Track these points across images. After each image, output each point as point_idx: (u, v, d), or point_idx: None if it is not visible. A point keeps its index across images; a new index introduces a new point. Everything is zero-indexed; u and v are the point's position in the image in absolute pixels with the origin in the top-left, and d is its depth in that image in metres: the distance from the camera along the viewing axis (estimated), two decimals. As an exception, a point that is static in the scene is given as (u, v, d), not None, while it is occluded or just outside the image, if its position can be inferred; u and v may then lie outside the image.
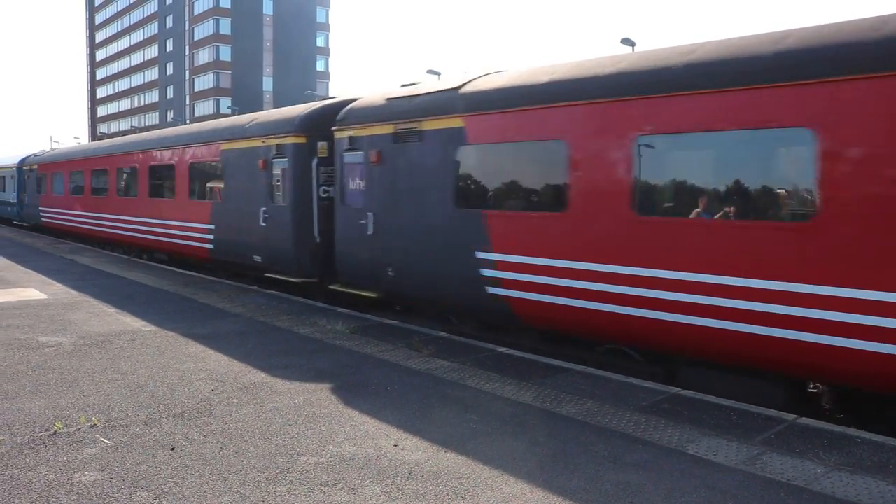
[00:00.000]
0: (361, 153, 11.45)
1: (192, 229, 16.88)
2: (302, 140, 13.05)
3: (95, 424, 6.21)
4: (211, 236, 16.07)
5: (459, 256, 9.66)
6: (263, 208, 13.87)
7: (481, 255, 9.38)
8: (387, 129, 10.94)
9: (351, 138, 11.70)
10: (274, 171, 13.65)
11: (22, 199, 33.83)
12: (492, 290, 9.27)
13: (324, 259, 12.84)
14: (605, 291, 7.99)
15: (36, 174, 31.14)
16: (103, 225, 22.85)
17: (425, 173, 10.26)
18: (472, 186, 9.89)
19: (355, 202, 11.69)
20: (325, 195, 12.89)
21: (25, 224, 34.42)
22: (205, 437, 5.96)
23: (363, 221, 11.27)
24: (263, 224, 13.86)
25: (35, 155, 32.78)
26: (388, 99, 11.15)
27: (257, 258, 14.26)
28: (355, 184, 11.70)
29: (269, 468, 5.30)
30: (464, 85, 9.95)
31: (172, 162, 17.88)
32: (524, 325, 9.34)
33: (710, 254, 7.14)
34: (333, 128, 12.16)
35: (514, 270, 8.98)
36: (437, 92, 10.28)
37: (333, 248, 12.37)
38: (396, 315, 11.72)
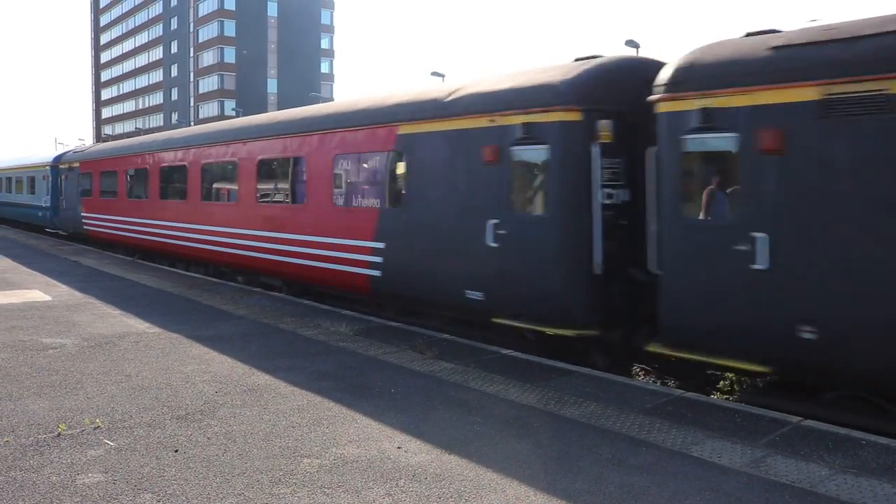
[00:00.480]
0: (732, 136, 7.31)
1: (341, 248, 11.99)
2: (574, 117, 8.66)
3: (99, 426, 6.22)
4: (377, 259, 11.21)
5: None
6: (494, 221, 9.34)
7: None
8: (799, 94, 6.82)
9: (705, 112, 7.46)
10: (514, 165, 9.26)
11: (58, 203, 28.84)
12: None
13: (608, 301, 8.75)
14: None
15: (77, 174, 25.90)
16: (181, 238, 17.82)
17: None
18: None
19: (715, 216, 7.60)
20: (608, 202, 8.65)
21: (61, 232, 29.21)
22: (208, 438, 5.96)
23: (742, 248, 7.14)
24: (494, 245, 9.35)
25: (76, 151, 27.87)
26: (778, 47, 7.17)
27: (475, 295, 9.68)
28: (714, 186, 7.67)
29: (272, 470, 5.30)
30: None
31: (301, 154, 13.16)
32: None
33: None
34: (657, 96, 7.90)
35: None
36: None
37: (622, 285, 8.73)
38: (400, 317, 11.65)
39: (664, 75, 7.96)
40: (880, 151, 6.38)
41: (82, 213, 25.22)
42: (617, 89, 8.77)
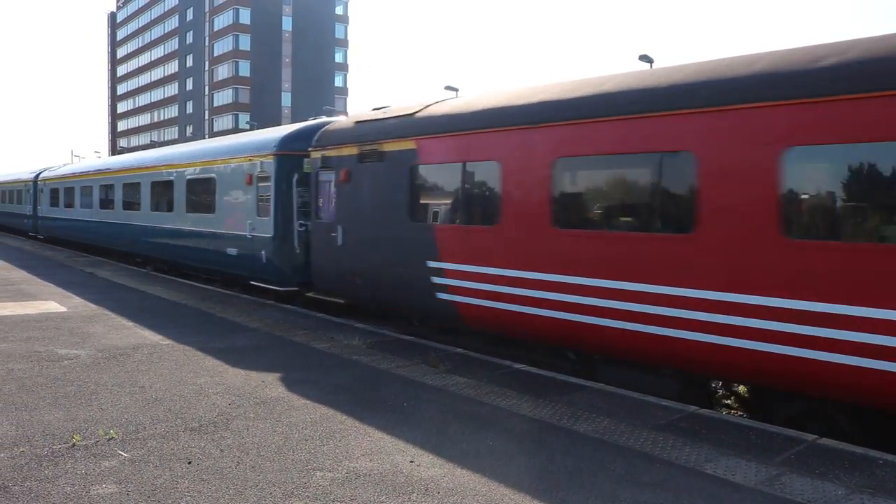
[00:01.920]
0: None
1: None
2: None
3: (113, 437, 6.25)
4: None
5: None
6: None
7: None
8: None
9: None
10: None
11: (296, 234, 14.26)
12: None
13: None
14: None
15: (415, 168, 10.77)
16: None
17: None
18: None
19: None
20: None
21: (318, 296, 14.05)
22: (221, 451, 5.98)
23: None
24: None
25: (387, 117, 11.59)
26: None
27: None
28: None
29: (285, 483, 5.31)
30: None
31: None
32: None
33: None
34: None
35: None
36: None
37: None
38: (413, 331, 11.68)
39: None
40: None
41: (433, 264, 10.40)
42: None
